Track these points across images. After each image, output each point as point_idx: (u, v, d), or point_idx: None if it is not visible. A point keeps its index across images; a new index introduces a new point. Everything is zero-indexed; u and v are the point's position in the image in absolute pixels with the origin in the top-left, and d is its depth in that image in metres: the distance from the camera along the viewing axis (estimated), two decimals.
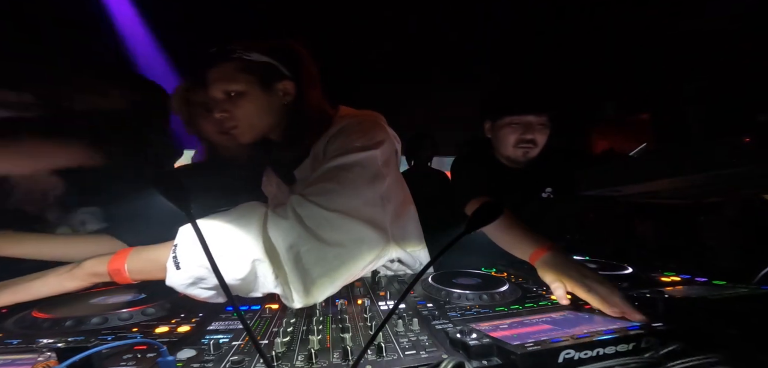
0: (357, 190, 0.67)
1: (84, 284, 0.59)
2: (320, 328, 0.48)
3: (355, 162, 0.69)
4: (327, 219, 0.61)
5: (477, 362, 0.38)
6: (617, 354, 0.40)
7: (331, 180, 0.67)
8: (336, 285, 0.61)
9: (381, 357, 0.39)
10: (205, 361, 0.39)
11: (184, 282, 0.55)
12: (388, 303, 0.61)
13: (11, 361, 0.40)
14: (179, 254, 0.55)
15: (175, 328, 0.50)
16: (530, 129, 1.10)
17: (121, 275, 0.58)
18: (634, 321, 0.50)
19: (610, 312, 0.53)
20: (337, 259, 0.60)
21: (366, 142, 0.72)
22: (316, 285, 0.58)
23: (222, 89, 0.75)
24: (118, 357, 0.39)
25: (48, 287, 0.58)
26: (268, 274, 0.57)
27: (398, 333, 0.46)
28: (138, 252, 0.60)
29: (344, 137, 0.74)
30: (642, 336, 0.41)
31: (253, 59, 0.74)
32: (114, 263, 0.58)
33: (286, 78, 0.77)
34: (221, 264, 0.54)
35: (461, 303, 0.60)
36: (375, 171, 0.71)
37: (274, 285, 0.58)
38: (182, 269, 0.54)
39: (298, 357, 0.40)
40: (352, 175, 0.68)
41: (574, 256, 0.91)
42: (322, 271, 0.58)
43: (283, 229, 0.59)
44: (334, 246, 0.60)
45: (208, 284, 0.56)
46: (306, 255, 0.58)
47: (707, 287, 0.63)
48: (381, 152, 0.73)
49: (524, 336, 0.44)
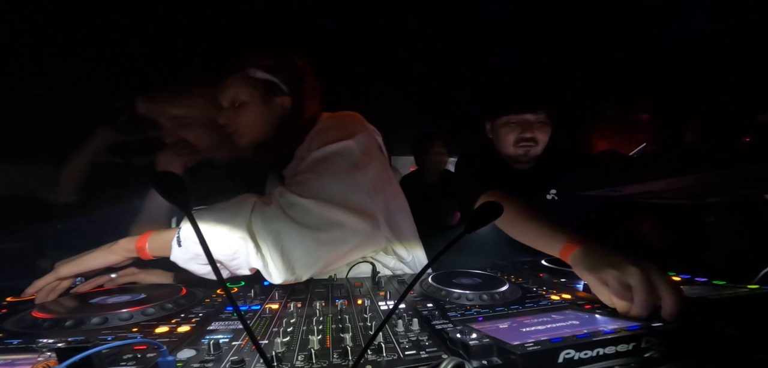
0: (334, 177, 0.74)
1: (121, 258, 0.71)
2: (320, 328, 0.48)
3: (332, 152, 0.77)
4: (304, 206, 0.68)
5: (477, 362, 0.38)
6: (617, 354, 0.40)
7: (309, 170, 0.75)
8: (319, 265, 0.69)
9: (381, 357, 0.39)
10: (205, 361, 0.39)
11: (184, 257, 0.65)
12: (388, 303, 0.61)
13: (11, 361, 0.40)
14: (182, 235, 0.65)
15: (175, 328, 0.49)
16: (529, 127, 1.09)
17: (144, 251, 0.70)
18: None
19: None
20: (316, 242, 0.68)
21: (341, 135, 0.80)
22: (297, 265, 0.66)
23: (227, 99, 0.86)
24: (118, 357, 0.39)
25: (97, 261, 0.69)
26: (251, 251, 0.65)
27: (398, 333, 0.46)
28: (157, 234, 0.70)
29: (321, 135, 0.83)
30: (642, 336, 0.41)
31: (257, 76, 0.85)
32: (139, 242, 0.70)
33: (284, 94, 0.87)
34: (211, 242, 0.63)
35: (461, 302, 0.60)
36: (352, 159, 0.78)
37: (255, 261, 0.65)
38: (182, 247, 0.64)
39: (298, 357, 0.40)
40: (329, 164, 0.75)
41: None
42: (302, 252, 0.66)
43: (266, 215, 0.67)
44: (313, 229, 0.68)
45: (203, 261, 0.66)
46: (286, 238, 0.66)
47: (707, 287, 0.63)
48: (357, 142, 0.80)
49: (524, 336, 0.44)
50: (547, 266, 0.84)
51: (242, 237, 0.64)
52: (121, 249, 0.70)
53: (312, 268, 0.68)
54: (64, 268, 0.67)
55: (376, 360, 0.39)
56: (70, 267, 0.67)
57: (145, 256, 0.70)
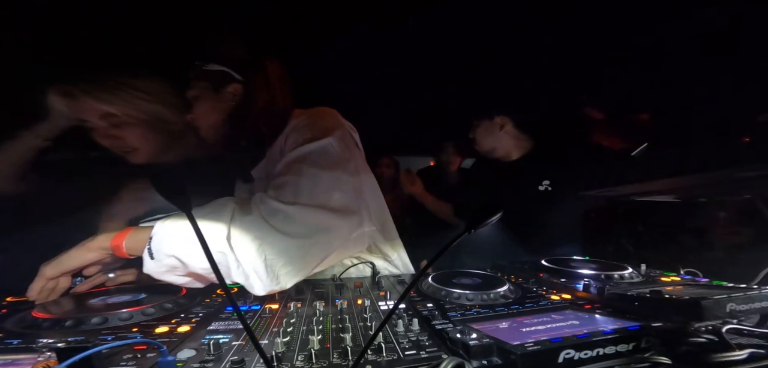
0: (313, 179, 0.70)
1: (99, 256, 0.67)
2: (320, 328, 0.48)
3: (308, 152, 0.74)
4: (286, 213, 0.64)
5: (477, 362, 0.38)
6: (617, 354, 0.40)
7: (287, 173, 0.71)
8: (305, 271, 0.66)
9: (381, 357, 0.39)
10: (205, 361, 0.39)
11: (158, 270, 0.62)
12: (388, 303, 0.61)
13: (11, 361, 0.40)
14: (153, 246, 0.61)
15: (175, 328, 0.49)
16: (497, 127, 1.33)
17: (120, 250, 0.66)
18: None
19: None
20: (300, 250, 0.64)
21: (315, 133, 0.77)
22: (281, 275, 0.62)
23: (188, 95, 0.85)
24: (118, 357, 0.39)
25: (75, 260, 0.66)
26: (232, 265, 0.60)
27: (398, 333, 0.46)
28: (135, 233, 0.67)
29: (296, 133, 0.79)
30: (642, 336, 0.41)
31: (208, 68, 0.82)
32: (116, 240, 0.66)
33: (236, 81, 0.83)
34: (192, 252, 0.60)
35: (461, 302, 0.60)
36: (333, 157, 0.75)
37: (237, 275, 0.61)
38: (155, 259, 0.61)
39: (298, 357, 0.40)
40: (308, 164, 0.71)
41: (574, 256, 0.91)
42: (286, 261, 0.62)
43: (246, 224, 0.63)
44: (296, 237, 0.64)
45: (181, 272, 0.63)
46: (269, 249, 0.61)
47: (707, 287, 0.63)
48: (334, 139, 0.76)
49: (524, 336, 0.44)
50: (547, 266, 0.84)
51: (221, 251, 0.60)
52: (97, 246, 0.67)
53: (297, 276, 0.65)
54: (49, 269, 0.65)
55: (376, 360, 0.39)
56: (53, 268, 0.65)
57: (122, 254, 0.67)
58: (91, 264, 0.69)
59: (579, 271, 0.76)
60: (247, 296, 0.64)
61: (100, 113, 0.88)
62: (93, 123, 0.89)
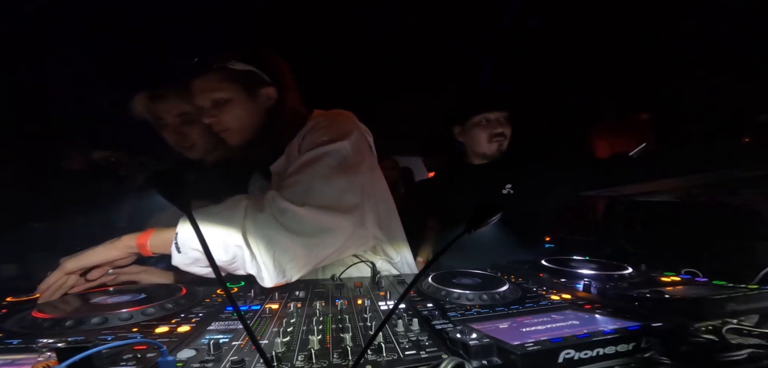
0: (326, 179, 0.73)
1: (122, 255, 0.71)
2: (320, 328, 0.48)
3: (324, 153, 0.76)
4: (296, 214, 0.68)
5: (477, 362, 0.38)
6: (617, 354, 0.40)
7: (301, 173, 0.73)
8: (309, 267, 0.71)
9: (381, 357, 0.39)
10: (205, 361, 0.39)
11: (184, 262, 0.67)
12: (388, 303, 0.61)
13: (11, 361, 0.40)
14: (179, 241, 0.66)
15: (175, 328, 0.50)
16: (498, 123, 1.29)
17: (145, 248, 0.70)
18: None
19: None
20: (306, 248, 0.69)
21: (333, 135, 0.79)
22: (287, 268, 0.67)
23: (208, 98, 0.83)
24: (118, 357, 0.39)
25: (99, 256, 0.70)
26: (247, 258, 0.65)
27: (398, 333, 0.46)
28: (158, 233, 0.70)
29: (314, 134, 0.81)
30: (642, 336, 0.41)
31: (236, 68, 0.82)
32: (141, 239, 0.70)
33: (268, 84, 0.85)
34: (213, 246, 0.64)
35: (461, 302, 0.60)
36: (343, 160, 0.77)
37: (251, 267, 0.66)
38: (182, 253, 0.66)
39: (298, 357, 0.40)
40: (320, 165, 0.74)
41: (574, 256, 0.91)
42: (293, 256, 0.67)
43: (259, 221, 0.67)
44: (304, 236, 0.68)
45: (203, 264, 0.68)
46: (277, 245, 0.66)
47: (707, 287, 0.63)
48: (349, 142, 0.79)
49: (524, 336, 0.44)
50: (547, 266, 0.84)
51: (238, 245, 0.65)
52: (123, 245, 0.70)
53: (302, 270, 0.69)
54: (70, 263, 0.67)
55: (376, 360, 0.39)
56: (75, 262, 0.68)
57: (147, 253, 0.70)
58: (113, 261, 0.72)
59: (579, 271, 0.76)
60: (248, 296, 0.64)
61: (178, 111, 0.97)
62: (168, 120, 0.98)
